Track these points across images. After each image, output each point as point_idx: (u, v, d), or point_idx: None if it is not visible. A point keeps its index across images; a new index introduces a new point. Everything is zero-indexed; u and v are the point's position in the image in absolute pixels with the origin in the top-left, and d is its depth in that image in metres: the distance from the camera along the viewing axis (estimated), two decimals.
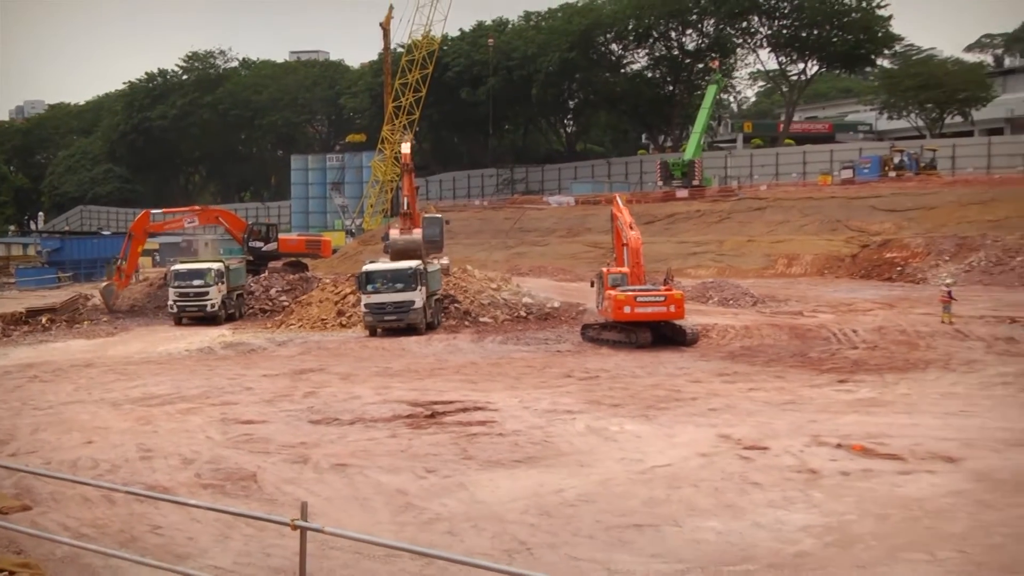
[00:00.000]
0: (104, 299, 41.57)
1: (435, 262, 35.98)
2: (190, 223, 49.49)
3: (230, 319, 38.39)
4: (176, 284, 38.15)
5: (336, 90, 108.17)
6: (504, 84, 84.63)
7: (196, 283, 37.96)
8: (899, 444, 14.96)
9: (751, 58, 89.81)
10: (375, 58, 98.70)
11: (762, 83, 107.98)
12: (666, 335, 28.14)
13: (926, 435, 15.57)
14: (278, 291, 41.48)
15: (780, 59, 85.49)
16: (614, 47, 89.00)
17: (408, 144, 42.11)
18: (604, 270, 30.30)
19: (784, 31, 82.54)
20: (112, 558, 9.88)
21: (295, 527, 7.88)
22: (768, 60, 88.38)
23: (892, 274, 47.56)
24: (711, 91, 71.74)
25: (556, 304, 35.45)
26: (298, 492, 12.89)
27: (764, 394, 20.02)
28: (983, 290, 39.94)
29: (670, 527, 11.39)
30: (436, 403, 19.45)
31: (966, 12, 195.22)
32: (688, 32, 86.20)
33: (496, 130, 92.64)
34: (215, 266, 38.94)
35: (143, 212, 46.63)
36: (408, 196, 38.25)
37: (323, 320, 34.89)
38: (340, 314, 35.06)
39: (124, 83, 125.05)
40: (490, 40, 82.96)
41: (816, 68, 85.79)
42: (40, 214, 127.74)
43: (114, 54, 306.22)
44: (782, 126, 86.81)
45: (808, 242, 54.37)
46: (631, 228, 30.09)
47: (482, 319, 33.91)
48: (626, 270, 29.50)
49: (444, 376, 23.82)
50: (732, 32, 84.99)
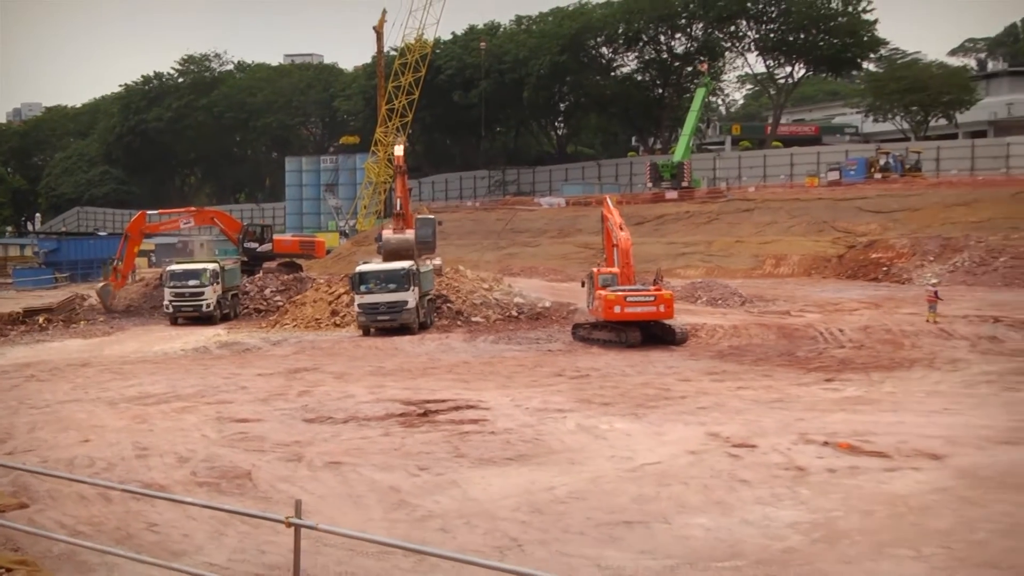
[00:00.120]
0: (101, 299, 41.51)
1: (428, 262, 36.08)
2: (186, 224, 49.53)
3: (225, 319, 38.41)
4: (172, 284, 38.18)
5: (330, 93, 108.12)
6: (496, 87, 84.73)
7: (192, 283, 37.98)
8: (885, 442, 15.07)
9: (739, 61, 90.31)
10: (369, 61, 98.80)
11: (750, 86, 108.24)
12: (656, 334, 28.26)
13: (911, 433, 15.69)
14: (272, 291, 41.48)
15: (768, 63, 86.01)
16: (604, 50, 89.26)
17: (401, 146, 42.35)
18: (594, 270, 30.43)
19: (771, 35, 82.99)
20: (108, 555, 9.91)
21: (289, 524, 7.92)
22: (756, 64, 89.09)
23: (878, 274, 47.80)
24: (700, 94, 72.01)
25: (547, 304, 35.57)
26: (292, 490, 12.93)
27: (752, 393, 20.12)
28: (967, 290, 40.19)
29: (659, 524, 11.46)
30: (429, 402, 19.49)
31: (950, 17, 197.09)
32: (677, 36, 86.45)
33: (488, 132, 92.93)
34: (210, 266, 38.98)
35: (139, 213, 46.45)
36: (401, 197, 38.36)
37: (317, 320, 34.95)
38: (334, 314, 35.13)
39: (120, 86, 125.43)
40: (482, 44, 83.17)
41: (803, 71, 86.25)
42: (37, 215, 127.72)
43: (110, 57, 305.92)
44: (770, 128, 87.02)
45: (795, 243, 54.60)
46: (621, 229, 30.23)
47: (474, 319, 34.00)
48: (616, 270, 29.62)
49: (437, 375, 23.87)
50: (720, 36, 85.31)
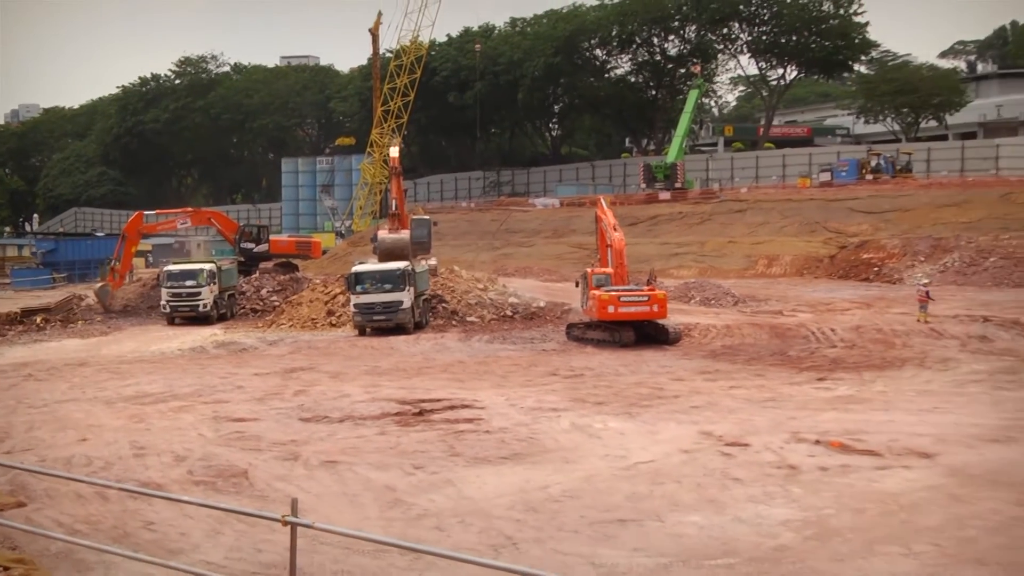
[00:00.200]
0: (100, 299, 41.52)
1: (423, 263, 36.16)
2: (183, 224, 49.55)
3: (222, 319, 38.46)
4: (169, 284, 38.25)
5: (326, 94, 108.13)
6: (491, 88, 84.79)
7: (188, 283, 38.06)
8: (876, 440, 15.18)
9: (732, 63, 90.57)
10: (364, 63, 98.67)
11: (742, 88, 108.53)
12: (649, 334, 28.37)
13: (902, 431, 15.80)
14: (269, 291, 41.53)
15: (760, 64, 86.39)
16: (598, 52, 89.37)
17: (396, 147, 42.34)
18: (588, 271, 30.53)
19: (764, 37, 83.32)
20: (105, 554, 9.94)
21: (285, 523, 7.96)
22: (748, 65, 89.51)
23: (869, 274, 48.05)
24: (693, 96, 72.13)
25: (542, 304, 35.65)
26: (288, 488, 12.96)
27: (745, 392, 20.22)
28: (957, 290, 40.39)
29: (653, 522, 11.53)
30: (424, 401, 19.55)
31: (940, 20, 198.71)
32: (670, 38, 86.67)
33: (483, 133, 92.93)
34: (207, 267, 39.08)
35: (136, 213, 46.47)
36: (396, 198, 38.38)
37: (313, 320, 34.99)
38: (330, 314, 35.17)
39: (118, 87, 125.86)
40: (477, 45, 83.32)
41: (795, 73, 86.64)
42: (35, 216, 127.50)
43: (108, 59, 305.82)
44: (762, 130, 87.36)
45: (787, 243, 54.83)
46: (615, 229, 30.35)
47: (469, 319, 34.08)
48: (610, 270, 29.74)
49: (432, 375, 23.95)
50: (713, 38, 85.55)
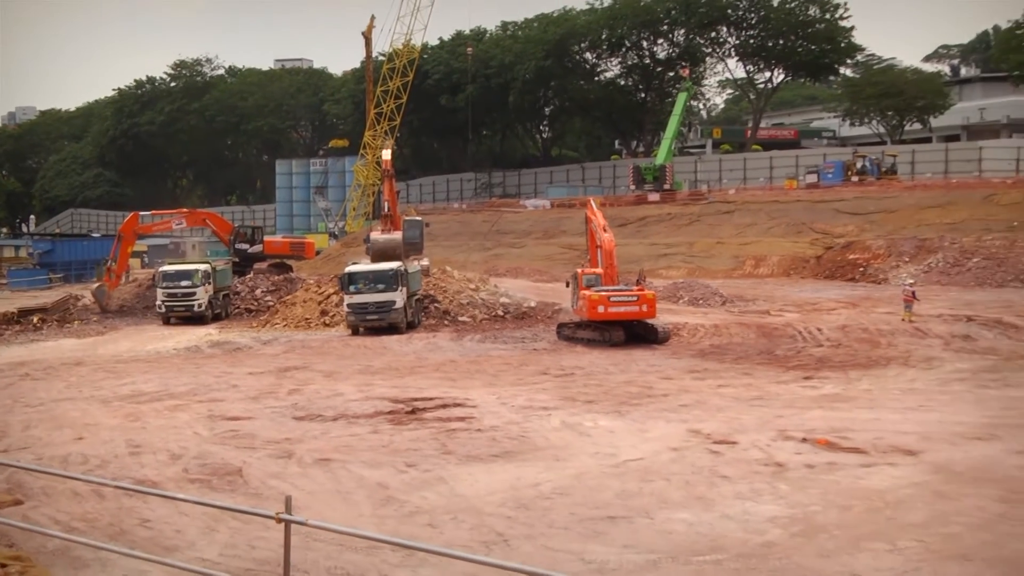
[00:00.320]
0: (97, 300, 41.46)
1: (415, 263, 36.20)
2: (178, 225, 49.47)
3: (216, 319, 38.52)
4: (164, 285, 38.27)
5: (319, 97, 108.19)
6: (482, 91, 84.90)
7: (184, 284, 38.11)
8: (861, 438, 15.34)
9: (720, 67, 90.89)
10: (357, 66, 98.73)
11: (730, 91, 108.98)
12: (639, 334, 28.55)
13: (887, 429, 15.97)
14: (263, 291, 41.58)
15: (748, 68, 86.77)
16: (588, 56, 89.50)
17: (389, 149, 42.62)
18: (579, 271, 30.68)
19: (751, 41, 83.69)
20: (102, 551, 10.03)
21: (279, 520, 8.05)
22: (736, 69, 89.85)
23: (855, 275, 48.24)
24: (681, 98, 72.36)
25: (532, 304, 35.81)
26: (282, 486, 13.05)
27: (733, 390, 20.38)
28: (941, 290, 40.58)
29: (642, 519, 11.65)
30: (416, 400, 19.65)
31: (924, 24, 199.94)
32: (659, 42, 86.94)
33: (474, 136, 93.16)
34: (202, 267, 39.13)
35: (132, 214, 46.43)
36: (389, 199, 38.53)
37: (307, 319, 35.07)
38: (323, 314, 35.24)
39: (113, 90, 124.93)
40: (469, 49, 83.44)
41: (782, 76, 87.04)
42: (32, 217, 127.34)
43: (104, 62, 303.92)
44: (749, 132, 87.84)
45: (775, 244, 55.04)
46: (605, 230, 30.47)
47: (461, 318, 34.19)
48: (600, 271, 29.86)
49: (424, 374, 24.04)
50: (701, 42, 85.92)
